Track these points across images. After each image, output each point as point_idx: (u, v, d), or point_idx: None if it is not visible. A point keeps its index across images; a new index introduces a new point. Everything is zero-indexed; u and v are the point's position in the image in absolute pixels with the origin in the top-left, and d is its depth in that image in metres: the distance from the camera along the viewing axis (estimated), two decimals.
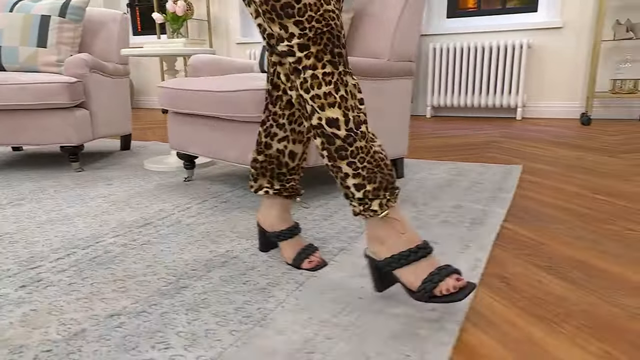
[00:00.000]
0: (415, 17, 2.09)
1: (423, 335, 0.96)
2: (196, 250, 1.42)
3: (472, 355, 0.91)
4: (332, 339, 0.95)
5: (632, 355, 0.91)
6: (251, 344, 0.93)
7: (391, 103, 2.12)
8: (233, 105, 1.72)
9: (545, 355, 0.91)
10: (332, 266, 1.30)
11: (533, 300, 1.13)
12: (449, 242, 1.47)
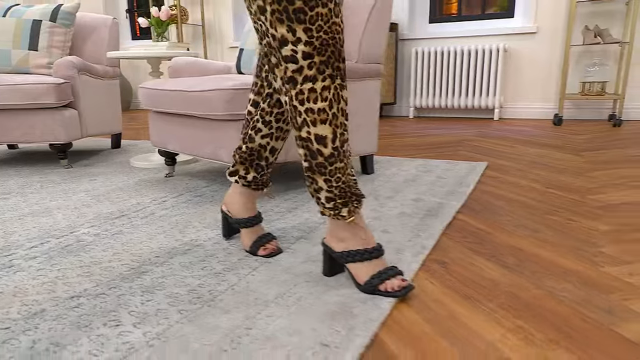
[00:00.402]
0: (381, 23, 2.13)
1: (356, 313, 1.00)
2: (163, 239, 1.45)
3: (396, 329, 0.96)
4: (272, 316, 0.99)
5: (544, 330, 0.95)
6: (196, 321, 0.97)
7: (361, 103, 2.16)
8: (203, 104, 1.76)
9: (462, 328, 0.96)
10: (288, 253, 1.34)
11: (465, 282, 1.17)
12: (401, 231, 1.51)
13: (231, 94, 1.69)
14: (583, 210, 1.75)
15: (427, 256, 1.33)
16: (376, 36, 2.13)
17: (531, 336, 0.93)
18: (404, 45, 5.07)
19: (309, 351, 0.86)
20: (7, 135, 2.48)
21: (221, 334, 0.92)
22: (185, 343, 0.89)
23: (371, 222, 1.60)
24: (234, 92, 1.70)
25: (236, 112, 1.72)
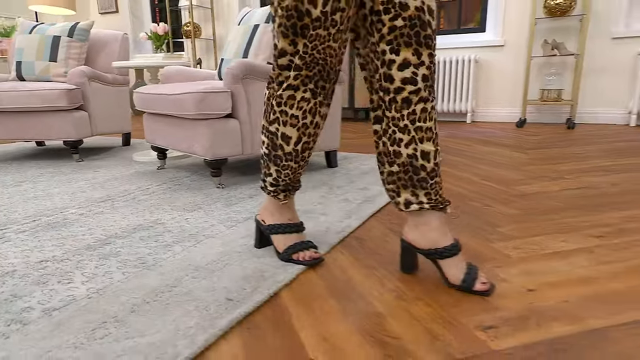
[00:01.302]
0: None
1: (266, 277, 1.07)
2: (134, 219, 1.54)
3: (297, 290, 1.03)
4: (196, 278, 1.06)
5: (415, 290, 1.01)
6: (134, 281, 1.05)
7: None
8: (179, 105, 1.84)
9: (352, 290, 1.03)
10: (231, 229, 1.41)
11: (371, 255, 1.23)
12: (337, 214, 1.57)
13: (201, 96, 1.77)
14: (502, 197, 1.79)
15: (350, 234, 1.39)
16: None
17: (404, 295, 1.00)
18: None
19: (214, 304, 0.94)
20: (28, 133, 2.60)
21: (149, 289, 1.00)
22: (116, 296, 0.97)
23: (316, 206, 1.67)
24: (203, 95, 1.77)
25: (206, 112, 1.79)
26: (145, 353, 0.76)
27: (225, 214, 1.57)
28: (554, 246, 1.26)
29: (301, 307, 0.95)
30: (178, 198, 1.80)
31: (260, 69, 1.93)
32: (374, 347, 0.80)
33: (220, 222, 1.47)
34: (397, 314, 0.92)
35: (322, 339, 0.83)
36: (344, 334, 0.84)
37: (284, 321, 0.89)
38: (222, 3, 5.85)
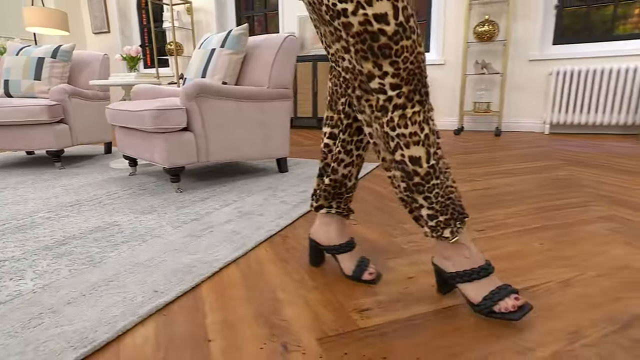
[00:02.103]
0: (287, 58, 2.24)
1: (193, 271, 1.12)
2: (94, 221, 1.56)
3: (216, 281, 1.08)
4: (133, 273, 1.10)
5: (317, 279, 1.08)
6: (78, 276, 1.09)
7: (273, 118, 2.27)
8: (139, 120, 1.87)
9: (263, 281, 1.08)
10: (177, 229, 1.45)
11: (289, 250, 1.29)
12: (272, 214, 1.62)
13: (157, 113, 1.80)
14: None
15: (277, 232, 1.44)
16: (283, 68, 2.24)
17: (305, 284, 1.06)
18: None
19: (141, 295, 0.98)
20: (15, 144, 2.58)
21: (89, 284, 1.04)
22: (57, 290, 1.01)
23: (257, 208, 1.72)
24: (159, 112, 1.81)
25: (162, 127, 1.83)
26: (68, 338, 0.80)
27: (175, 215, 1.61)
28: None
29: (214, 295, 1.00)
30: (139, 202, 1.82)
31: (212, 88, 1.97)
32: (263, 328, 0.86)
33: (168, 223, 1.51)
34: (294, 300, 0.98)
35: (222, 323, 0.88)
36: (242, 318, 0.90)
37: (196, 308, 0.95)
38: (202, 24, 5.83)
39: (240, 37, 2.19)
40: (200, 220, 1.54)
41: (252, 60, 2.27)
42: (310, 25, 5.12)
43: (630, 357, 0.74)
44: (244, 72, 2.29)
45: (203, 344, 0.81)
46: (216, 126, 2.01)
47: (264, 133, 2.22)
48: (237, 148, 2.12)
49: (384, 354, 0.77)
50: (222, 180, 2.22)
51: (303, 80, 4.91)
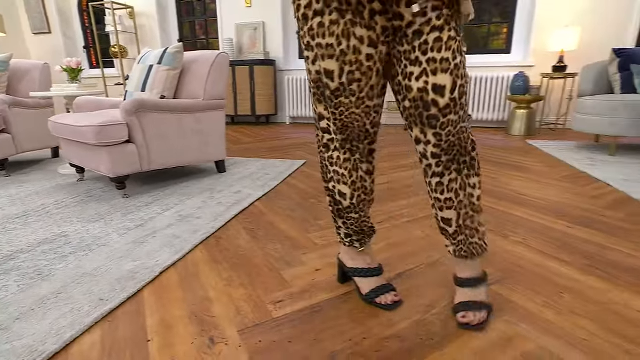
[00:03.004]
0: (221, 73, 2.23)
1: (135, 277, 1.14)
2: (42, 233, 1.50)
3: (157, 285, 1.11)
4: (80, 284, 1.11)
5: (241, 276, 1.15)
6: (27, 291, 1.07)
7: (209, 126, 2.26)
8: (81, 135, 1.79)
9: (196, 281, 1.13)
10: (122, 237, 1.44)
11: (222, 251, 1.34)
12: (208, 217, 1.64)
13: (99, 129, 1.74)
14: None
15: (212, 234, 1.48)
16: (216, 82, 2.23)
17: (232, 282, 1.13)
18: (282, 74, 5.16)
19: (88, 304, 1.00)
20: None
21: (37, 298, 1.04)
22: (7, 307, 1.00)
23: (195, 211, 1.73)
24: (101, 127, 1.75)
25: (105, 141, 1.77)
26: (19, 353, 0.82)
27: (121, 222, 1.59)
28: None
29: (154, 298, 1.05)
30: (86, 210, 1.77)
31: (150, 103, 1.93)
32: (195, 325, 0.93)
33: (114, 231, 1.50)
34: (221, 298, 1.05)
35: (161, 324, 0.94)
36: (178, 317, 0.96)
37: (138, 312, 0.99)
38: (145, 29, 5.48)
39: (175, 54, 2.14)
40: (145, 226, 1.54)
41: (189, 75, 2.24)
42: (247, 31, 5.02)
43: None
44: (181, 86, 2.25)
45: (143, 344, 0.87)
46: (157, 137, 1.98)
47: (201, 140, 2.22)
48: (177, 155, 2.10)
49: (290, 338, 0.88)
50: (166, 184, 2.19)
51: (242, 82, 4.84)
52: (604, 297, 1.03)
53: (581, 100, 3.00)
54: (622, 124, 2.70)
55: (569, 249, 1.31)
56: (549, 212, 1.67)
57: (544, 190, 1.98)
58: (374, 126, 0.88)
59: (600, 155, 2.86)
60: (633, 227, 1.50)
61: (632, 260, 1.23)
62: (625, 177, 2.25)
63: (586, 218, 1.60)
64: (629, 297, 1.03)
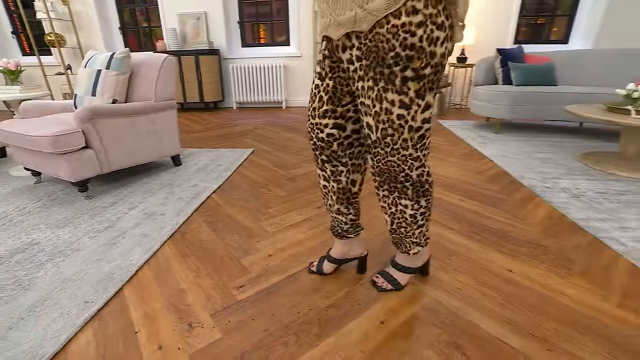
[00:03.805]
0: (168, 75, 2.16)
1: (114, 278, 1.19)
2: (11, 242, 1.44)
3: (134, 283, 1.17)
4: (64, 289, 1.13)
5: (206, 266, 1.24)
6: (11, 302, 1.08)
7: (162, 125, 2.21)
8: (36, 144, 1.69)
9: (168, 275, 1.20)
10: (93, 240, 1.44)
11: (188, 245, 1.40)
12: (171, 212, 1.67)
13: (54, 139, 1.66)
14: (280, 182, 2.05)
15: (177, 229, 1.53)
16: (165, 83, 2.16)
17: (200, 273, 1.22)
18: (227, 62, 4.97)
19: (75, 308, 1.05)
20: None
21: (25, 307, 1.05)
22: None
23: (159, 207, 1.74)
24: (56, 137, 1.66)
25: (62, 150, 1.69)
26: (21, 359, 0.87)
27: (90, 225, 1.58)
28: (293, 219, 1.59)
29: (135, 295, 1.12)
30: (51, 215, 1.70)
31: (103, 110, 1.85)
32: (173, 314, 1.03)
33: (85, 234, 1.49)
34: (192, 288, 1.15)
35: (144, 316, 1.03)
36: (158, 309, 1.05)
37: (122, 309, 1.06)
38: (82, 16, 4.88)
39: (123, 59, 2.03)
40: (113, 227, 1.55)
41: (139, 77, 2.14)
42: (190, 21, 4.71)
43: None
44: (132, 88, 2.15)
45: (132, 335, 0.96)
46: (113, 141, 1.91)
47: (156, 139, 2.17)
48: (135, 155, 2.06)
49: (253, 316, 1.02)
50: (127, 181, 2.13)
51: (188, 71, 4.59)
52: (477, 255, 1.29)
53: (475, 89, 3.34)
54: (503, 109, 3.08)
55: (457, 218, 1.58)
56: (448, 187, 1.94)
57: (447, 168, 2.26)
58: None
59: (489, 133, 3.25)
60: (504, 197, 1.81)
61: (498, 224, 1.52)
62: (504, 153, 2.62)
63: (472, 191, 1.89)
64: (493, 254, 1.30)
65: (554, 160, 2.42)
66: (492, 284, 1.14)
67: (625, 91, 2.14)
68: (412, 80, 0.75)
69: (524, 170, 2.22)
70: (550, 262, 1.25)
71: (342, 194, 1.04)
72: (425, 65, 0.74)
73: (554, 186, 1.96)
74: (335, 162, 0.99)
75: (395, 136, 0.82)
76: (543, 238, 1.41)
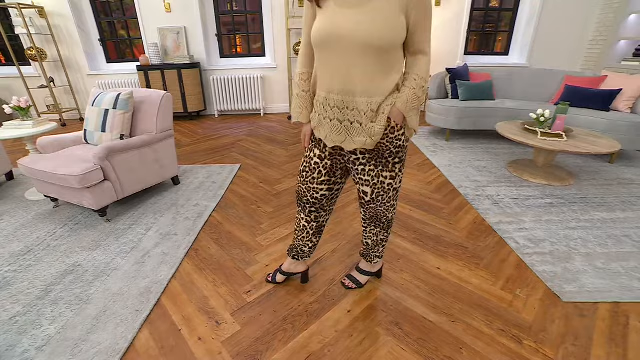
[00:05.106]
0: (166, 110, 2.45)
1: (151, 290, 1.55)
2: (58, 266, 1.72)
3: (169, 294, 1.53)
4: (116, 302, 1.48)
5: (223, 280, 1.63)
6: (81, 314, 1.41)
7: (163, 153, 2.51)
8: (64, 181, 1.97)
9: (194, 286, 1.56)
10: (125, 260, 1.76)
11: (201, 259, 1.77)
12: (182, 232, 2.00)
13: (81, 177, 1.95)
14: (267, 198, 2.41)
15: (191, 247, 1.88)
16: (164, 117, 2.45)
17: (217, 283, 1.60)
18: (207, 73, 5.16)
19: (130, 315, 1.41)
20: None
21: (92, 317, 1.40)
22: (75, 327, 1.35)
23: (170, 227, 2.08)
24: (83, 176, 1.95)
25: (87, 185, 1.98)
26: (107, 352, 1.24)
27: (118, 247, 1.88)
28: (281, 234, 1.99)
29: (170, 303, 1.49)
30: (81, 238, 1.97)
31: (118, 147, 2.15)
32: (204, 315, 1.42)
33: (116, 255, 1.80)
34: (213, 295, 1.54)
35: (182, 318, 1.41)
36: (191, 312, 1.44)
37: (164, 314, 1.44)
38: (61, 29, 4.90)
39: (127, 100, 2.31)
40: (138, 248, 1.87)
41: (141, 113, 2.43)
42: (170, 35, 4.86)
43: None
44: (135, 122, 2.43)
45: (177, 333, 1.35)
46: (125, 172, 2.22)
47: (159, 164, 2.48)
48: (142, 180, 2.36)
49: (260, 312, 1.43)
50: (137, 202, 2.40)
51: (172, 84, 4.79)
52: (417, 258, 1.76)
53: (429, 102, 3.82)
54: (451, 121, 3.58)
55: (407, 227, 2.04)
56: (403, 199, 2.39)
57: (404, 180, 2.71)
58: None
59: (441, 141, 3.74)
60: (444, 206, 2.29)
61: (436, 231, 2.00)
62: (450, 162, 3.11)
63: (421, 201, 2.35)
64: (428, 256, 1.77)
65: (488, 169, 2.93)
66: (424, 279, 1.61)
67: (535, 115, 2.67)
68: (398, 163, 1.17)
69: (463, 179, 2.72)
70: (467, 260, 1.74)
71: (318, 230, 1.44)
72: (404, 154, 1.16)
73: (482, 194, 2.47)
74: (321, 210, 1.36)
75: (384, 196, 1.22)
76: (466, 241, 1.90)
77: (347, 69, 1.02)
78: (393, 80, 1.03)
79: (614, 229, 1.98)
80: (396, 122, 1.08)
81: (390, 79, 1.02)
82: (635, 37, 4.00)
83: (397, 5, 0.95)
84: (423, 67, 1.03)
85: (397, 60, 1.02)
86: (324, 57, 1.05)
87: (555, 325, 1.33)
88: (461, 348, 1.25)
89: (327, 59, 1.04)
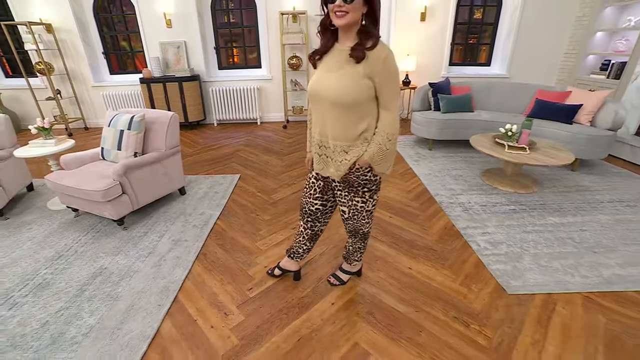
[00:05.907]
0: (174, 129, 2.76)
1: (169, 288, 1.87)
2: (87, 269, 2.03)
3: (185, 292, 1.86)
4: (140, 298, 1.79)
5: (229, 279, 1.95)
6: (113, 308, 1.73)
7: (172, 167, 2.81)
8: (89, 195, 2.28)
9: (205, 288, 1.88)
10: (144, 263, 2.08)
11: (210, 263, 2.08)
12: (192, 238, 2.31)
13: (104, 192, 2.25)
14: (264, 207, 2.72)
15: (200, 252, 2.20)
16: (172, 135, 2.75)
17: (223, 281, 1.92)
18: (206, 85, 5.46)
19: (154, 309, 1.73)
20: None
21: (122, 310, 1.70)
22: (110, 318, 1.67)
23: (181, 234, 2.39)
24: (105, 191, 2.26)
25: (110, 199, 2.30)
26: (138, 338, 1.56)
27: (136, 252, 2.18)
28: (277, 239, 2.31)
29: (186, 299, 1.81)
30: (104, 245, 2.27)
31: (133, 164, 2.46)
32: (214, 308, 1.75)
33: (136, 260, 2.11)
34: (221, 292, 1.86)
35: (197, 310, 1.73)
36: (204, 306, 1.76)
37: (181, 307, 1.75)
38: (67, 43, 5.18)
39: (140, 122, 2.62)
40: (154, 253, 2.18)
41: (152, 132, 2.73)
42: (171, 49, 5.16)
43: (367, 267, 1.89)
44: (147, 142, 2.74)
45: (193, 322, 1.67)
46: (140, 185, 2.53)
47: (168, 177, 2.79)
48: (153, 192, 2.68)
49: (260, 305, 1.76)
50: (149, 211, 2.70)
51: (173, 95, 5.09)
52: (393, 259, 2.09)
53: (414, 114, 4.16)
54: (433, 132, 3.92)
55: (386, 232, 2.37)
56: (384, 206, 2.72)
57: (387, 189, 3.04)
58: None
59: (424, 149, 4.07)
60: (420, 213, 2.63)
61: (411, 235, 2.33)
62: (430, 171, 3.44)
63: (400, 209, 2.69)
64: (403, 258, 2.11)
65: (463, 177, 3.27)
66: (397, 277, 1.94)
67: (504, 129, 3.01)
68: (367, 192, 1.41)
69: (439, 188, 3.06)
70: (435, 261, 2.08)
71: (312, 237, 1.76)
72: (373, 185, 1.38)
73: (455, 201, 2.81)
74: (316, 221, 1.65)
75: (358, 215, 1.48)
76: (436, 244, 2.24)
77: (323, 118, 1.29)
78: (361, 128, 1.25)
79: (562, 232, 2.33)
80: (361, 166, 1.30)
81: (358, 128, 1.25)
82: (601, 53, 4.37)
83: (362, 72, 1.23)
84: (388, 123, 1.21)
85: (368, 112, 1.23)
86: (313, 106, 1.36)
87: (498, 313, 1.67)
88: (420, 331, 1.58)
89: (314, 109, 1.36)
